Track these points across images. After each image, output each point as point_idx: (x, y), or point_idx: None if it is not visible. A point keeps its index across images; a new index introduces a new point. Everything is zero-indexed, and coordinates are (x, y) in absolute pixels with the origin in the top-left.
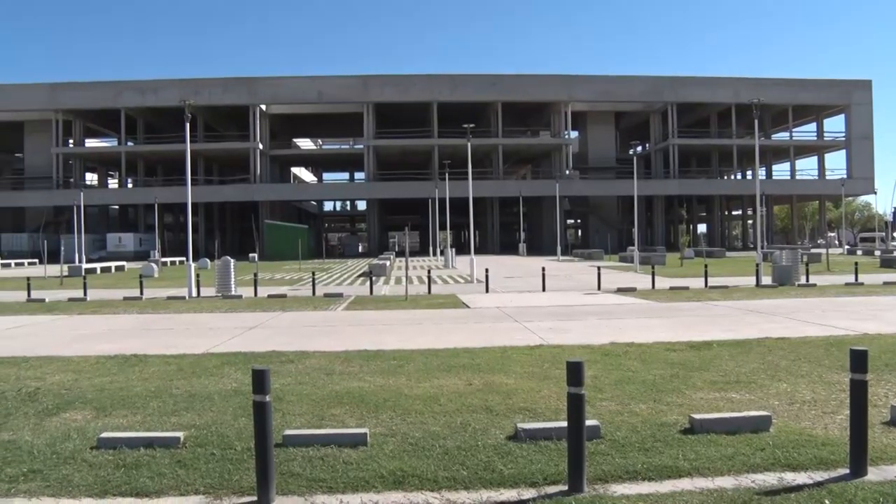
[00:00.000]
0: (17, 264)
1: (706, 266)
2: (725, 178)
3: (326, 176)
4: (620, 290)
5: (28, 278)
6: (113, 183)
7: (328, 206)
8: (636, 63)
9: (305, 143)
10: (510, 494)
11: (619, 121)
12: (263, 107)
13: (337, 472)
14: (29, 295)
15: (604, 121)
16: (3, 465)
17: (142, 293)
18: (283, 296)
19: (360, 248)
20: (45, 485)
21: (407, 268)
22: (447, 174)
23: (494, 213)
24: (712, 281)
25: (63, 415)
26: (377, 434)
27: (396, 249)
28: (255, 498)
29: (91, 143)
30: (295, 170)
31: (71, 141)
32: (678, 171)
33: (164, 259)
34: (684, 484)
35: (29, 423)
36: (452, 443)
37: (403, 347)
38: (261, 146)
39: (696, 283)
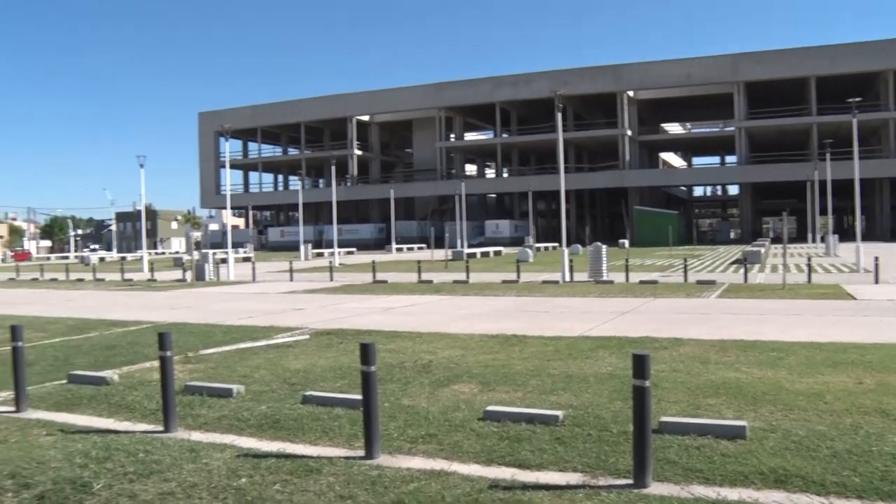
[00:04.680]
0: (407, 249)
1: None
2: None
3: (696, 160)
4: None
5: (418, 262)
6: (490, 173)
7: (698, 191)
8: None
9: (673, 128)
10: None
11: None
12: (631, 93)
13: (714, 464)
14: (419, 277)
15: None
16: (406, 426)
17: (518, 277)
18: (654, 282)
19: (732, 235)
20: (439, 448)
21: (784, 255)
22: (828, 154)
23: (883, 195)
24: None
25: (453, 386)
26: (756, 428)
27: (771, 235)
28: (630, 481)
29: (470, 136)
30: (663, 155)
31: (452, 135)
32: None
33: (537, 244)
34: None
35: (424, 391)
36: (841, 445)
37: (782, 339)
38: (629, 132)
39: None
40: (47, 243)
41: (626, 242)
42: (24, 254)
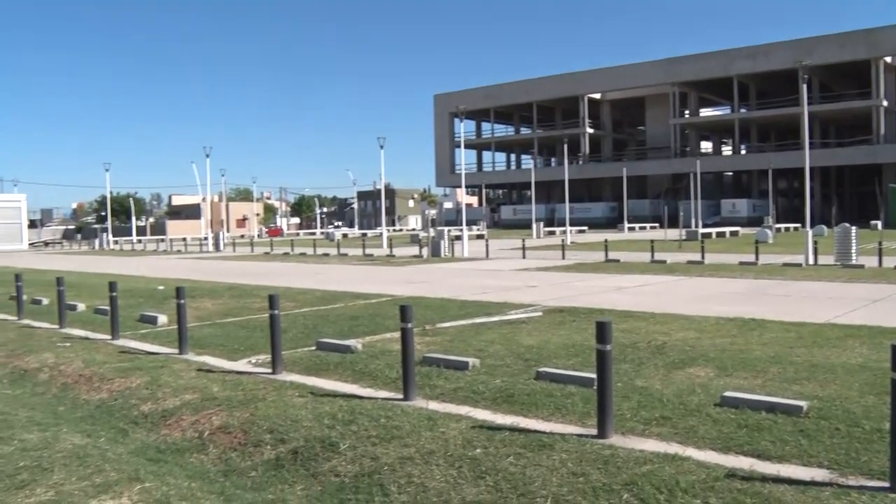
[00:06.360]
0: (640, 228)
1: None
2: None
3: None
4: None
5: (651, 241)
6: (726, 150)
7: None
8: None
9: None
10: None
11: None
12: (888, 59)
13: None
14: (652, 256)
15: None
16: (639, 408)
17: (757, 258)
18: None
19: None
20: (674, 432)
21: None
22: None
23: None
24: None
25: (688, 370)
26: None
27: None
28: (886, 483)
29: (705, 112)
30: None
31: (686, 112)
32: None
33: (777, 225)
34: None
35: (658, 373)
36: None
37: None
38: (885, 103)
39: None
40: (296, 220)
41: (879, 224)
42: (277, 230)
